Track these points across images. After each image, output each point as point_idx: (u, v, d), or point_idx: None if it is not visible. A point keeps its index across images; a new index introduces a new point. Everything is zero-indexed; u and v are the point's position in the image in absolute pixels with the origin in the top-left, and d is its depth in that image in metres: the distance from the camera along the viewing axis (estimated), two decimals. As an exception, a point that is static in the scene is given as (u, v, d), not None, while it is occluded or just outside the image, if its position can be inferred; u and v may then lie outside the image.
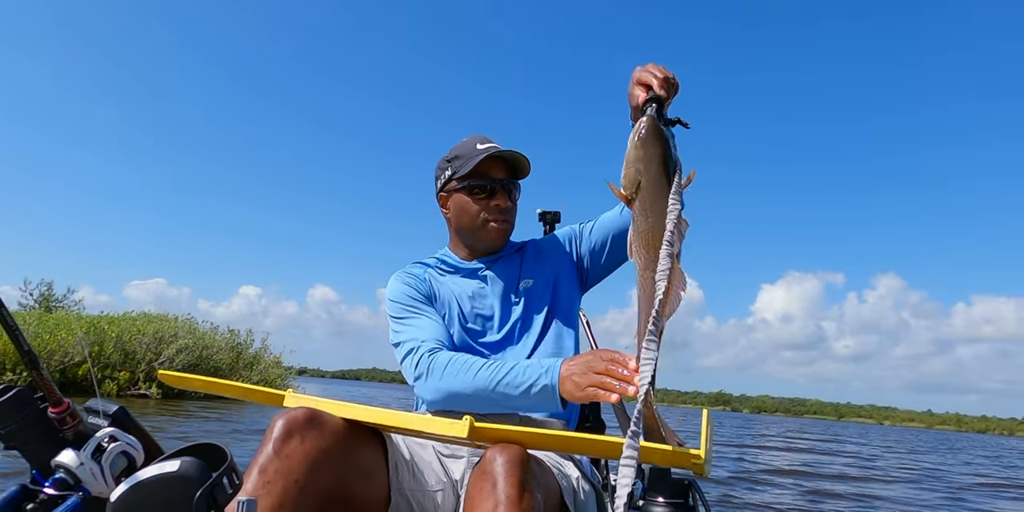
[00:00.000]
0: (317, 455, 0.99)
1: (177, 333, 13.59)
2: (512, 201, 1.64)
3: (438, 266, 1.71)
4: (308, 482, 0.97)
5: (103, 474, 1.30)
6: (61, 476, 1.28)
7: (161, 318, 14.42)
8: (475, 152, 1.59)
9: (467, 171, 1.57)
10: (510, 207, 1.64)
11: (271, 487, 0.94)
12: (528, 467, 0.98)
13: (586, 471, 1.35)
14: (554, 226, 2.25)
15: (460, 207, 1.64)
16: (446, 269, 1.69)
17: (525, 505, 0.93)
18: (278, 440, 0.98)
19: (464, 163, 1.60)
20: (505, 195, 1.61)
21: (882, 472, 10.62)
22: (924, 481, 9.50)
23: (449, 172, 1.64)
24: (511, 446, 0.99)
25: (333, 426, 1.03)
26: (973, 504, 7.31)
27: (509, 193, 1.62)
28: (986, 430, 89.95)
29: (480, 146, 1.61)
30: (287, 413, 1.02)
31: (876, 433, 49.04)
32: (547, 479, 1.10)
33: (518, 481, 0.94)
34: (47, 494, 1.26)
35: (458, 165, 1.61)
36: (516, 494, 0.93)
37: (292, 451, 0.97)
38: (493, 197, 1.60)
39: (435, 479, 1.23)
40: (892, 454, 17.42)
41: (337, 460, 1.02)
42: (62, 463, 1.28)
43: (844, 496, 6.96)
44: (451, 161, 1.64)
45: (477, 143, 1.62)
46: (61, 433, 1.31)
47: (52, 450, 1.29)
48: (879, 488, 8.04)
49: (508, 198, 1.61)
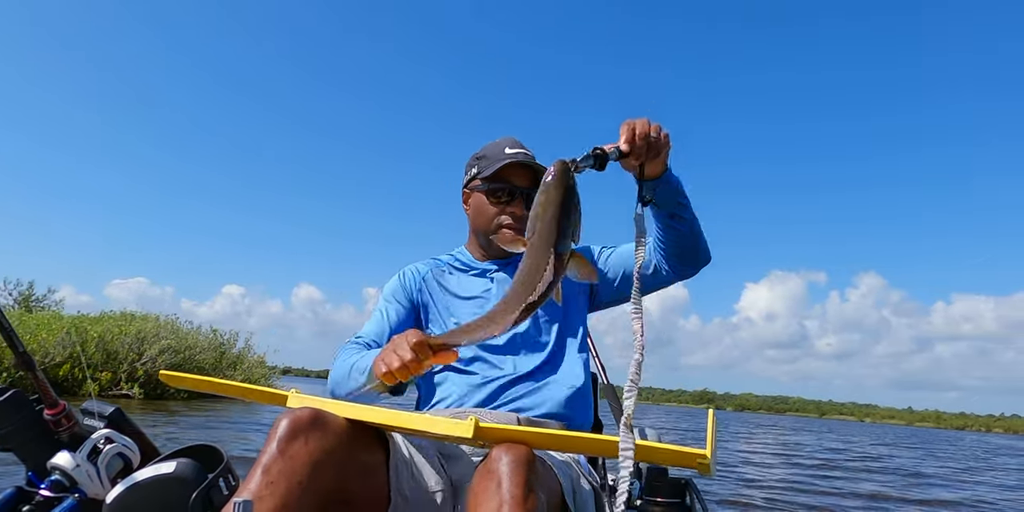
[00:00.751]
0: (320, 456, 0.99)
1: (160, 333, 13.35)
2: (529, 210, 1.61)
3: (450, 263, 1.69)
4: (311, 483, 0.97)
5: (99, 476, 1.31)
6: (57, 478, 1.29)
7: (144, 318, 14.19)
8: (501, 156, 1.57)
9: (489, 174, 1.56)
10: (526, 215, 1.58)
11: (274, 487, 0.94)
12: (533, 467, 0.99)
13: (584, 471, 1.36)
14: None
15: (478, 208, 1.62)
16: (458, 267, 1.68)
17: (530, 506, 0.94)
18: (282, 440, 0.98)
19: (488, 164, 1.58)
20: (523, 203, 1.57)
21: (852, 470, 10.72)
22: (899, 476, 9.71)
23: (475, 170, 1.62)
24: (517, 446, 1.00)
25: (337, 426, 1.04)
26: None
27: (528, 201, 1.55)
28: (964, 427, 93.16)
29: (508, 150, 1.58)
30: (291, 413, 1.01)
31: (857, 430, 49.63)
32: (550, 479, 1.11)
33: (523, 481, 0.95)
34: (43, 496, 1.27)
35: (483, 165, 1.60)
36: (521, 494, 0.94)
37: (296, 452, 0.97)
38: (511, 203, 1.58)
39: (435, 479, 1.24)
40: (858, 448, 17.71)
41: (340, 460, 1.02)
42: (58, 465, 1.29)
43: (837, 493, 7.04)
44: (479, 159, 1.62)
45: (507, 146, 1.59)
46: (57, 435, 1.32)
47: (48, 452, 1.30)
48: (864, 484, 8.16)
49: (525, 206, 1.56)
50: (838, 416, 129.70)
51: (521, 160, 1.54)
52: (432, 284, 1.66)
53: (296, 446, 0.98)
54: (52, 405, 1.33)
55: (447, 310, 1.61)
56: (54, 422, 1.32)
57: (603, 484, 1.62)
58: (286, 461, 0.96)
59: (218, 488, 1.28)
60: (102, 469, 1.31)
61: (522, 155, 1.57)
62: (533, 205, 1.08)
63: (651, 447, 0.95)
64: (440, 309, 1.62)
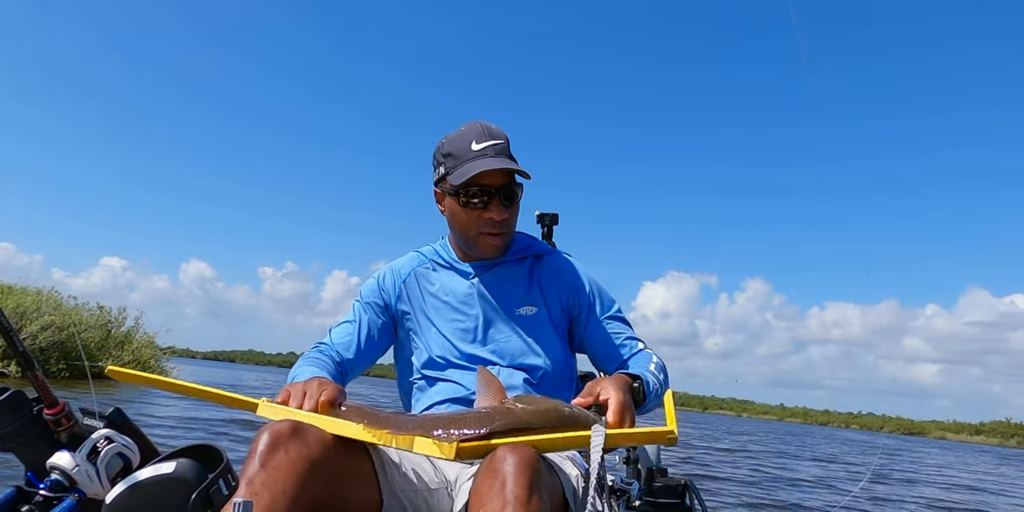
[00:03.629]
0: (304, 465, 0.99)
1: (41, 308, 12.35)
2: (510, 211, 1.48)
3: (434, 259, 1.60)
4: (296, 492, 0.97)
5: (98, 476, 1.29)
6: (56, 478, 1.27)
7: (23, 291, 13.12)
8: (468, 154, 1.42)
9: (460, 183, 1.40)
10: (507, 218, 1.47)
11: (257, 498, 0.94)
12: (538, 468, 0.98)
13: (582, 470, 1.34)
14: (552, 229, 2.24)
15: (453, 213, 1.49)
16: (442, 264, 1.59)
17: (533, 507, 0.93)
18: (264, 453, 0.98)
19: (457, 166, 1.43)
20: (500, 206, 1.44)
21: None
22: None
23: (442, 170, 1.47)
24: (521, 446, 0.99)
25: (318, 434, 1.03)
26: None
27: (508, 199, 1.45)
28: (828, 422, 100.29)
29: (475, 146, 1.42)
30: (271, 426, 1.02)
31: (732, 424, 52.04)
32: (552, 479, 1.10)
33: (528, 482, 0.94)
34: (42, 496, 1.26)
35: (451, 166, 1.44)
36: (525, 495, 0.93)
37: (278, 463, 0.97)
38: (487, 208, 1.43)
39: (428, 479, 1.23)
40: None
41: (325, 468, 1.01)
42: (57, 465, 1.28)
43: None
44: (446, 157, 1.46)
45: (473, 140, 1.43)
46: (56, 435, 1.31)
47: (47, 452, 1.29)
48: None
49: (504, 209, 1.45)
50: (719, 411, 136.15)
51: (492, 168, 1.39)
52: (414, 287, 1.58)
53: (278, 457, 0.98)
54: (52, 405, 1.31)
55: (426, 317, 1.55)
56: (53, 422, 1.31)
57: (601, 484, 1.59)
58: (268, 472, 0.96)
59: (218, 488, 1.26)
60: (101, 469, 1.29)
61: (491, 149, 1.42)
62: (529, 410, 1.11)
63: (622, 432, 1.07)
64: (419, 316, 1.56)
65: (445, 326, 1.53)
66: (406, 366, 1.58)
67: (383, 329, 1.56)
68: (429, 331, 1.54)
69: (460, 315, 1.53)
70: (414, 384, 1.53)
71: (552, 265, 1.61)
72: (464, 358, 1.49)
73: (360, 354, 1.51)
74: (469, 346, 1.50)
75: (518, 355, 1.49)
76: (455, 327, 1.53)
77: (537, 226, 2.26)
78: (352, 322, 1.55)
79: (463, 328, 1.52)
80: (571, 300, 1.59)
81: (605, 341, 1.56)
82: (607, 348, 1.55)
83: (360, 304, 1.58)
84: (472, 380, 1.44)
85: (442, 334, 1.52)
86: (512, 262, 1.59)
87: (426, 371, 1.51)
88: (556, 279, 1.59)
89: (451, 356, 1.49)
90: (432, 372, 1.50)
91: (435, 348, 1.51)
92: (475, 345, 1.51)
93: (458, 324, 1.53)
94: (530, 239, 1.67)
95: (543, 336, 1.52)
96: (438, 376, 1.50)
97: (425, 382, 1.51)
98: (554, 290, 1.58)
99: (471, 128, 1.47)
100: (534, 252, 1.62)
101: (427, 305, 1.56)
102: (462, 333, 1.52)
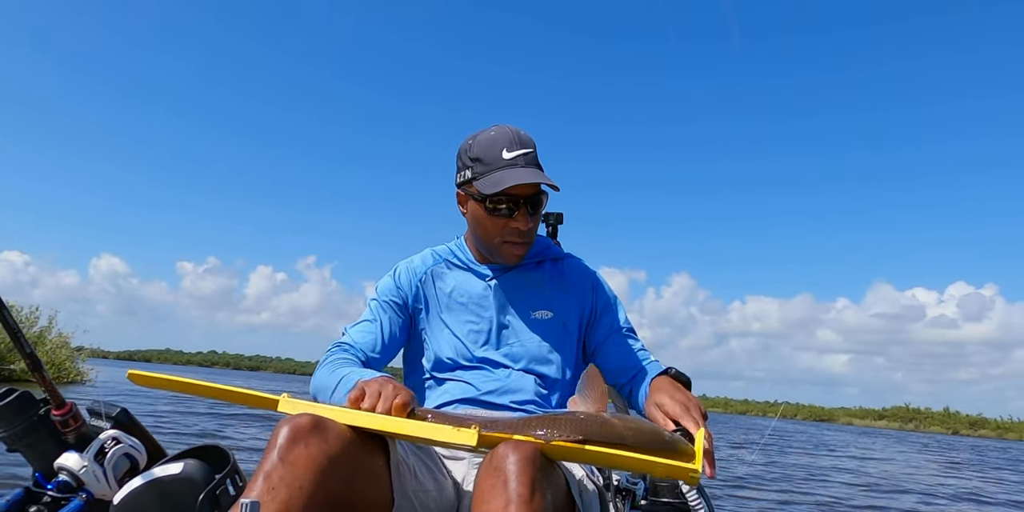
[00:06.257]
0: (322, 461, 0.97)
1: None
2: (535, 220, 1.47)
3: (448, 259, 1.58)
4: (313, 488, 0.95)
5: (106, 476, 1.30)
6: (64, 479, 1.28)
7: None
8: (500, 163, 1.40)
9: (491, 192, 1.38)
10: (531, 228, 1.47)
11: (275, 494, 0.93)
12: (540, 465, 0.97)
13: (588, 470, 1.34)
14: (557, 228, 2.22)
15: (476, 218, 1.47)
16: (457, 264, 1.57)
17: (536, 505, 0.92)
18: (283, 447, 0.96)
19: (486, 172, 1.41)
20: (527, 215, 1.43)
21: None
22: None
23: (469, 174, 1.45)
24: (523, 444, 0.98)
25: (338, 431, 1.01)
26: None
27: (534, 209, 1.44)
28: (746, 412, 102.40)
29: (507, 155, 1.40)
30: (291, 420, 0.99)
31: None
32: (556, 477, 1.09)
33: (530, 480, 0.93)
34: (50, 497, 1.27)
35: (479, 171, 1.42)
36: (527, 493, 0.92)
37: (297, 458, 0.96)
38: (513, 217, 1.42)
39: (438, 479, 1.22)
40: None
41: (342, 465, 1.00)
42: (65, 466, 1.28)
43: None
44: (474, 161, 1.43)
45: (504, 148, 1.41)
46: (64, 435, 1.31)
47: (55, 452, 1.30)
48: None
49: (529, 218, 1.44)
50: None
51: (526, 181, 1.37)
52: (429, 287, 1.57)
53: (297, 452, 0.96)
54: (59, 406, 1.32)
55: (440, 317, 1.54)
56: (61, 423, 1.32)
57: (607, 484, 1.58)
58: (287, 467, 0.94)
59: (226, 489, 1.27)
60: (109, 470, 1.30)
61: (522, 159, 1.41)
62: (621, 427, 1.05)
63: (645, 460, 0.99)
64: (433, 316, 1.55)
65: (458, 327, 1.52)
66: (415, 365, 1.57)
67: (403, 327, 1.54)
68: (442, 332, 1.52)
69: (474, 317, 1.52)
70: (423, 383, 1.53)
71: (570, 270, 1.61)
72: (475, 360, 1.47)
73: (384, 353, 1.50)
74: (481, 348, 1.49)
75: (531, 359, 1.48)
76: (468, 329, 1.51)
77: (541, 224, 2.24)
78: (372, 321, 1.52)
79: (476, 330, 1.51)
80: (588, 307, 1.58)
81: (621, 353, 1.54)
82: (623, 359, 1.54)
83: (378, 303, 1.55)
84: (482, 381, 1.44)
85: (455, 335, 1.51)
86: (530, 266, 1.57)
87: (436, 372, 1.50)
88: (574, 285, 1.58)
89: (462, 358, 1.48)
90: (442, 373, 1.49)
91: (447, 349, 1.50)
92: (487, 348, 1.49)
93: (471, 326, 1.51)
94: (548, 242, 1.65)
95: (557, 341, 1.51)
96: (448, 377, 1.49)
97: (434, 381, 1.50)
98: (571, 296, 1.57)
99: (502, 134, 1.44)
100: (552, 256, 1.61)
101: (441, 305, 1.55)
102: (475, 335, 1.51)
